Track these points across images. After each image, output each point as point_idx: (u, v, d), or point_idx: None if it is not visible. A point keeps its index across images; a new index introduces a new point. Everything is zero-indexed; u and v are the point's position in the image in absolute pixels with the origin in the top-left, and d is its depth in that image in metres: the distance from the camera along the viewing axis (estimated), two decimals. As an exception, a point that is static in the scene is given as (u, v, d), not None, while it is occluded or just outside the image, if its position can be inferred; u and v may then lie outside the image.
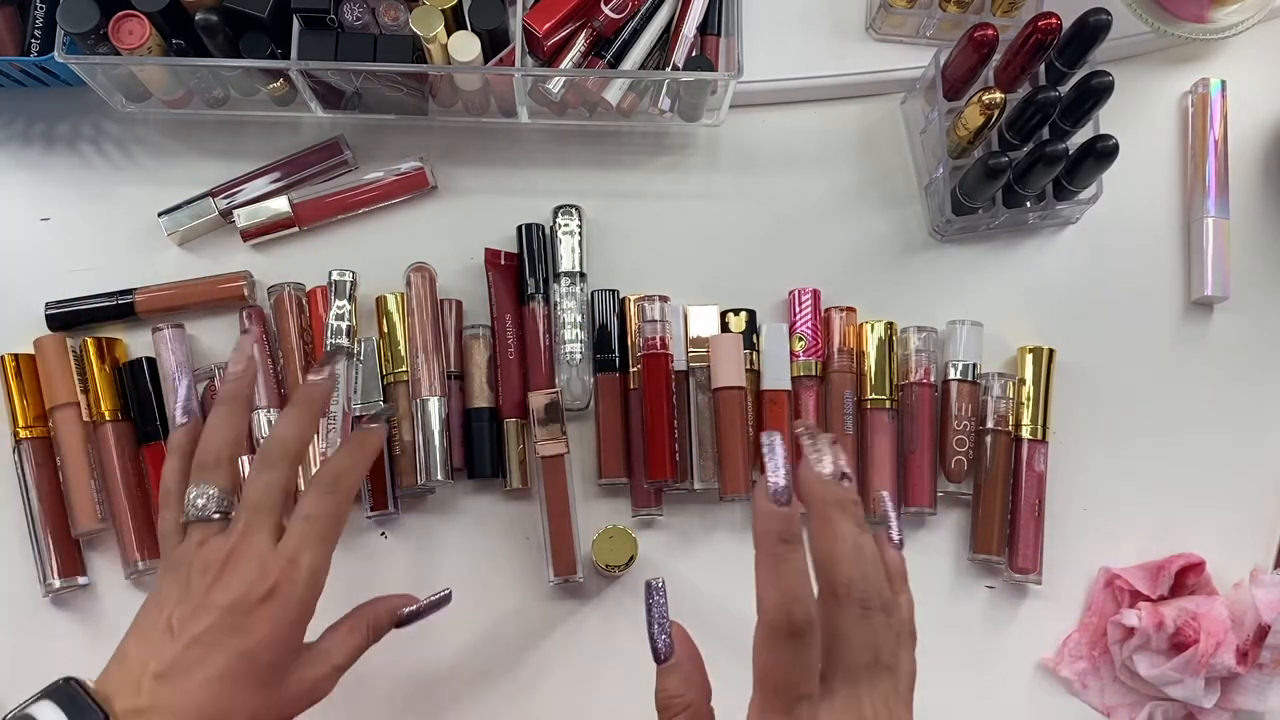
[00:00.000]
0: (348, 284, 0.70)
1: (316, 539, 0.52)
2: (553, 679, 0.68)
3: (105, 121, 0.75)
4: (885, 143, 0.76)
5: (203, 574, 0.51)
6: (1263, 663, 0.67)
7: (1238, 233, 0.75)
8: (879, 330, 0.71)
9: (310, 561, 0.51)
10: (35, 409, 0.69)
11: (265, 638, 0.50)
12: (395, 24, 0.68)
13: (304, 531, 0.52)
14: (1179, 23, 0.73)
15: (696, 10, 0.69)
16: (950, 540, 0.71)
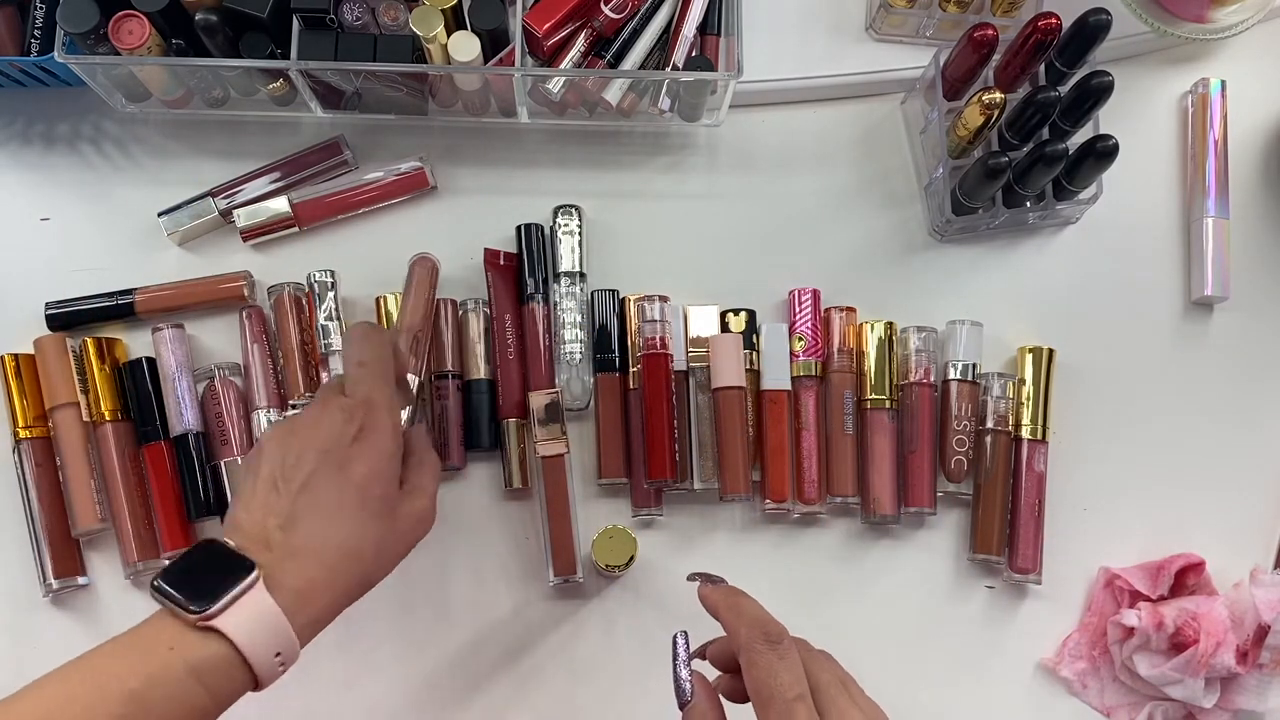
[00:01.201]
0: (328, 284, 0.70)
1: (379, 378, 0.56)
2: (553, 679, 0.68)
3: (105, 121, 0.75)
4: (885, 143, 0.76)
5: (295, 433, 0.54)
6: (1262, 663, 0.67)
7: (1238, 233, 0.75)
8: (879, 330, 0.71)
9: (382, 398, 0.56)
10: (35, 409, 0.69)
11: (368, 472, 0.53)
12: (395, 24, 0.68)
13: (362, 375, 0.56)
14: (1179, 23, 0.73)
15: (696, 10, 0.69)
16: (950, 540, 0.71)
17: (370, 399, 0.55)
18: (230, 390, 0.69)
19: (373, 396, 0.55)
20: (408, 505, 0.56)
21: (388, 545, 0.54)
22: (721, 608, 0.50)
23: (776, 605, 0.69)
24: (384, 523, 0.54)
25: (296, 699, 0.67)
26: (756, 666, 0.46)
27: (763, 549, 0.71)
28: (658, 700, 0.68)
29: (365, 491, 0.53)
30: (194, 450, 0.69)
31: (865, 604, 0.70)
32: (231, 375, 0.70)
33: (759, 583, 0.69)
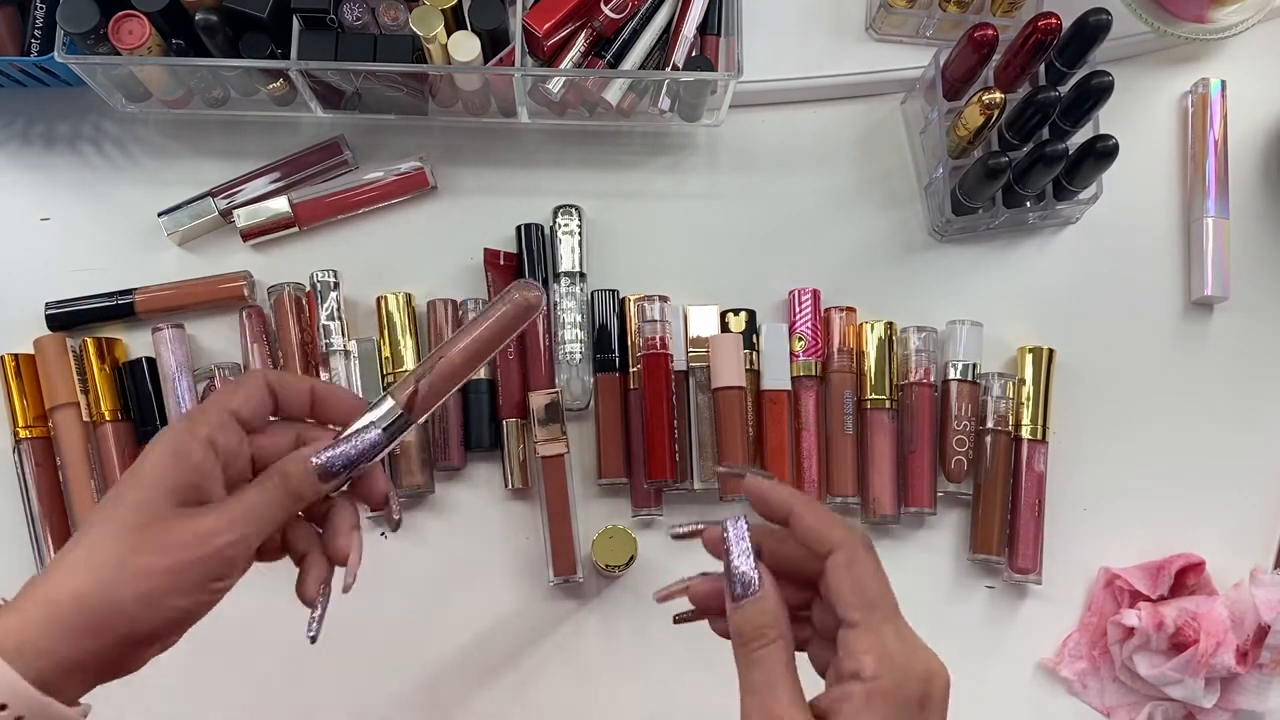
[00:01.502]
0: (331, 284, 0.70)
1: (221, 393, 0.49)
2: (553, 679, 0.68)
3: (105, 121, 0.75)
4: (885, 143, 0.76)
5: None
6: (1262, 663, 0.67)
7: (1238, 233, 0.75)
8: (879, 330, 0.71)
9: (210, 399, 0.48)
10: (35, 409, 0.69)
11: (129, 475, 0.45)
12: (395, 24, 0.68)
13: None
14: (1179, 23, 0.73)
15: (696, 10, 0.69)
16: (950, 540, 0.71)
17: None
18: (230, 390, 0.69)
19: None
20: (185, 523, 0.43)
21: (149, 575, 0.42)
22: (798, 502, 0.45)
23: (776, 605, 0.70)
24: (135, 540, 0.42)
25: (296, 699, 0.67)
26: (863, 566, 0.43)
27: (763, 549, 0.70)
28: (658, 700, 0.68)
29: (118, 499, 0.44)
30: (194, 450, 0.68)
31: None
32: (231, 375, 0.70)
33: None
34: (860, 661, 0.41)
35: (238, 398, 0.47)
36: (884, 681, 0.41)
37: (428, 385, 0.50)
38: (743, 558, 0.44)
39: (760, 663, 0.43)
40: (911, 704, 0.41)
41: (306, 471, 0.47)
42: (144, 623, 0.43)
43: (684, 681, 0.68)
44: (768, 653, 0.43)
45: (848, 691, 0.41)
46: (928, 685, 0.42)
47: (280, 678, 0.67)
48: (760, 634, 0.43)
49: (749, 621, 0.43)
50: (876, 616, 0.42)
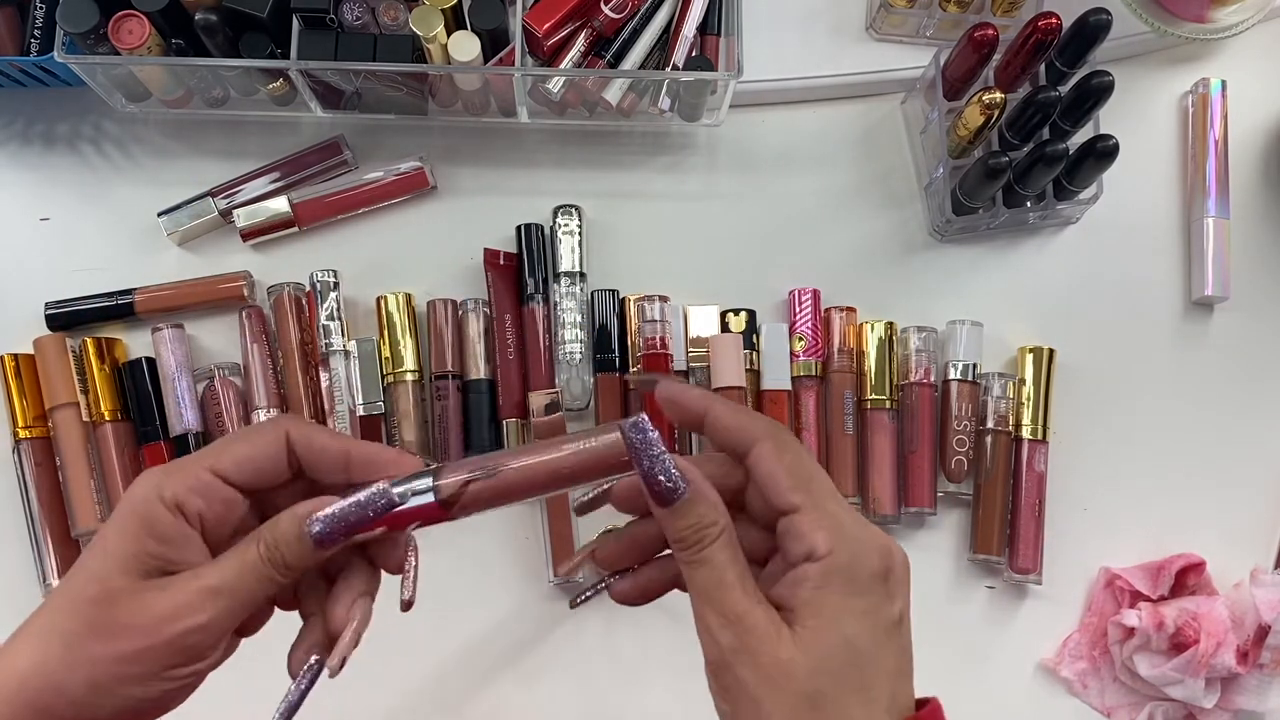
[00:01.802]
0: (331, 284, 0.70)
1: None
2: (553, 679, 0.68)
3: (105, 121, 0.75)
4: (885, 143, 0.76)
5: None
6: (1263, 663, 0.67)
7: (1238, 233, 0.75)
8: (879, 330, 0.71)
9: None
10: (35, 409, 0.69)
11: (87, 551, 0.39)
12: (395, 24, 0.68)
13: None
14: (1179, 22, 0.73)
15: (696, 10, 0.69)
16: (950, 540, 0.71)
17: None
18: (230, 390, 0.69)
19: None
20: (139, 601, 0.37)
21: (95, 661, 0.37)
22: (714, 401, 0.41)
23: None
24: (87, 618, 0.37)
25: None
26: (794, 451, 0.40)
27: (763, 549, 0.70)
28: (658, 700, 0.68)
29: (82, 565, 0.38)
30: (193, 450, 0.68)
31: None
32: (231, 375, 0.70)
33: (759, 583, 0.70)
34: (811, 540, 0.38)
35: (228, 456, 0.40)
36: (840, 556, 0.38)
37: (483, 489, 0.41)
38: (657, 461, 0.38)
39: (706, 562, 0.39)
40: (874, 577, 0.39)
41: (298, 536, 0.39)
42: (95, 711, 0.37)
43: (684, 682, 0.68)
44: (711, 551, 0.39)
45: (803, 573, 0.38)
46: (887, 560, 0.39)
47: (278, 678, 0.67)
48: (700, 535, 0.39)
49: (685, 526, 0.39)
50: (819, 495, 0.39)
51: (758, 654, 0.38)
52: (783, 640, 0.38)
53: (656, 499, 0.39)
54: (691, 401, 0.42)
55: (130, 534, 0.38)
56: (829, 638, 0.38)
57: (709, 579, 0.39)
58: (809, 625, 0.38)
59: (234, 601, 0.39)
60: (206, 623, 0.38)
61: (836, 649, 0.38)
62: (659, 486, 0.39)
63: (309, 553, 0.39)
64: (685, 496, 0.39)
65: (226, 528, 0.40)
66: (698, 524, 0.39)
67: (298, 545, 0.39)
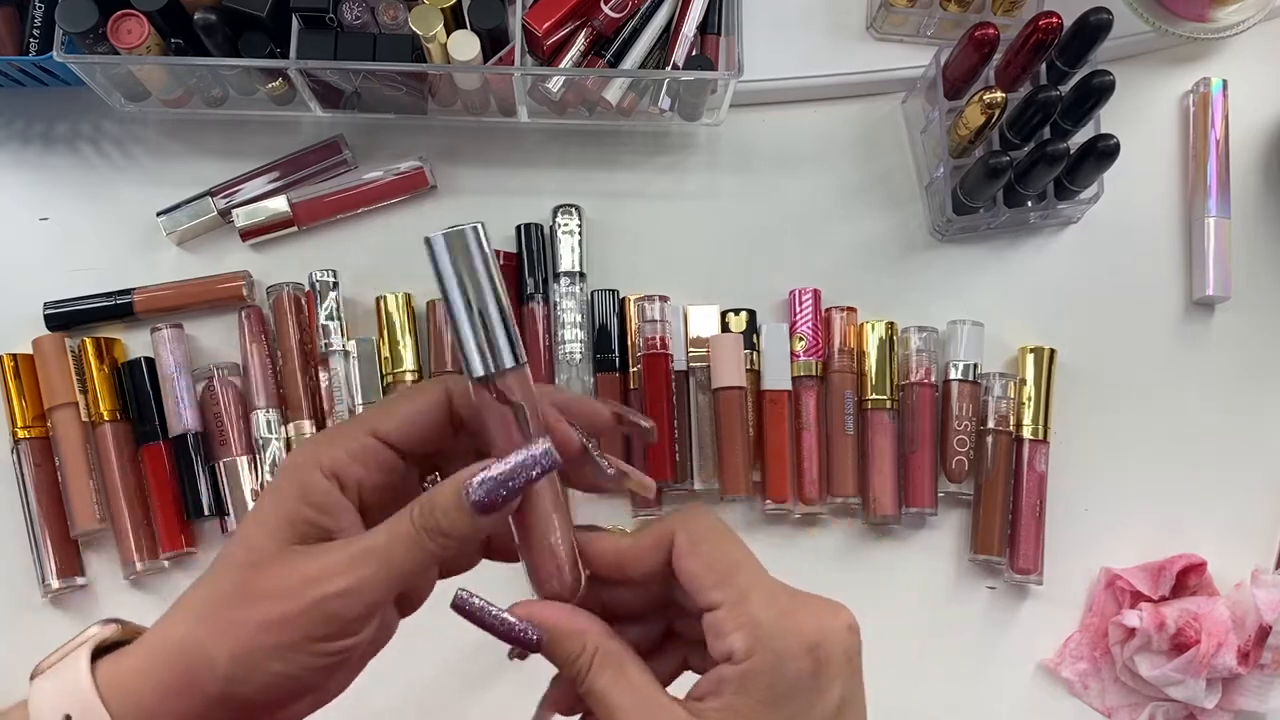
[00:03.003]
0: (330, 284, 0.70)
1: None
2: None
3: (104, 121, 0.75)
4: (886, 142, 0.76)
5: None
6: (1264, 663, 0.66)
7: (1239, 233, 0.75)
8: (879, 330, 0.71)
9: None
10: (34, 409, 0.68)
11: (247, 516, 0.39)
12: (394, 23, 0.68)
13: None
14: (1180, 22, 0.73)
15: (696, 9, 0.69)
16: (951, 541, 0.71)
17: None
18: (229, 390, 0.69)
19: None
20: (288, 566, 0.36)
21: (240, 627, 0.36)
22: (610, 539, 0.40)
23: (777, 606, 0.69)
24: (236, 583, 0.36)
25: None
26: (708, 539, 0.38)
27: (763, 549, 0.69)
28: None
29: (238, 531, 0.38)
30: (193, 450, 0.68)
31: (866, 604, 0.69)
32: (230, 375, 0.70)
33: (759, 583, 0.69)
34: (730, 643, 0.36)
35: (390, 417, 0.38)
36: (760, 660, 0.35)
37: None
38: (498, 623, 0.38)
39: (590, 694, 0.38)
40: (800, 676, 0.35)
41: (457, 503, 0.37)
42: (240, 686, 0.36)
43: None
44: (591, 679, 0.37)
45: (721, 676, 0.36)
46: (816, 652, 0.36)
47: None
48: (575, 669, 0.38)
49: (565, 660, 0.38)
50: (737, 588, 0.36)
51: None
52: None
53: (525, 648, 0.39)
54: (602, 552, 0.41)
55: (285, 500, 0.37)
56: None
57: (615, 697, 0.37)
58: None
59: (382, 569, 0.36)
60: (349, 587, 0.36)
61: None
62: (515, 642, 0.38)
63: (468, 521, 0.37)
64: (545, 644, 0.38)
65: (387, 495, 0.39)
66: (567, 657, 0.38)
67: (456, 513, 0.37)
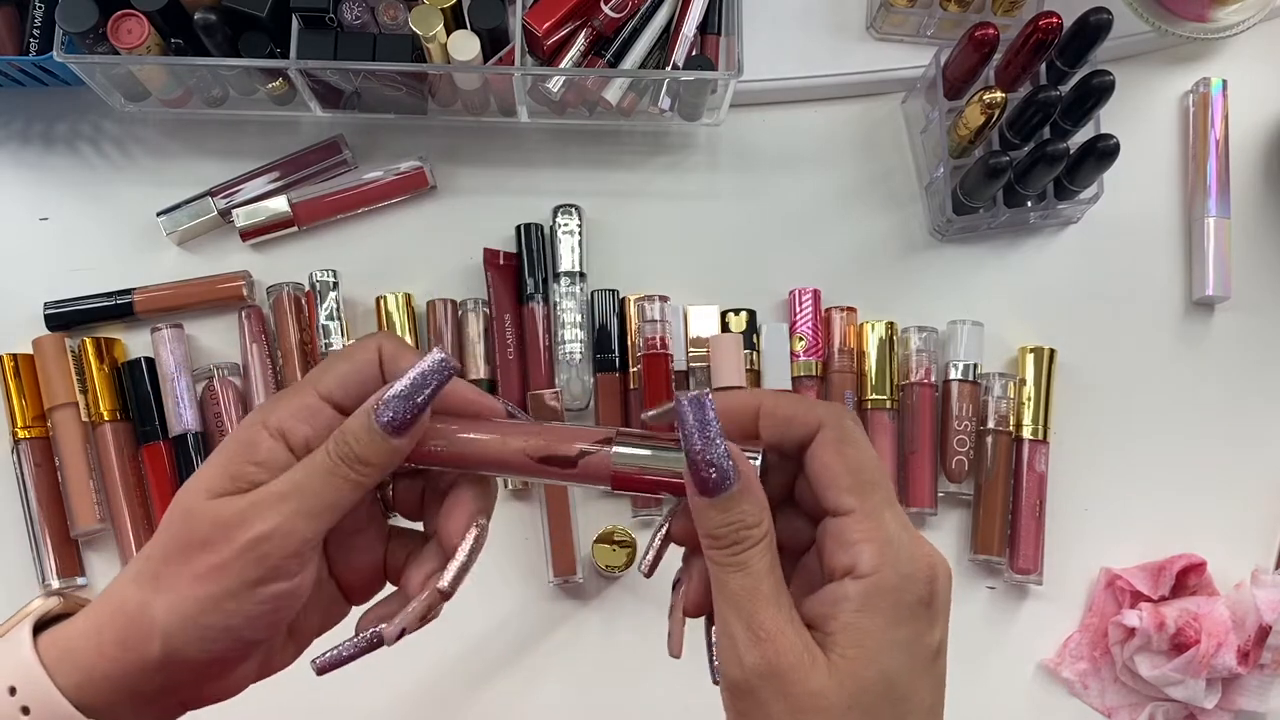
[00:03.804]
0: (330, 283, 0.70)
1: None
2: (553, 679, 0.68)
3: (104, 121, 0.75)
4: (886, 142, 0.76)
5: None
6: (1264, 663, 0.66)
7: (1239, 232, 0.75)
8: (879, 330, 0.71)
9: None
10: (34, 409, 0.68)
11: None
12: (394, 23, 0.68)
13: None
14: (1180, 22, 0.73)
15: (696, 9, 0.69)
16: (951, 541, 0.71)
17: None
18: (229, 390, 0.69)
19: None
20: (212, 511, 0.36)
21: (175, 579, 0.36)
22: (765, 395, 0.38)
23: (777, 606, 0.69)
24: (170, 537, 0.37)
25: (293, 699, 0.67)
26: (857, 444, 0.37)
27: (763, 549, 0.70)
28: (658, 701, 0.68)
29: (170, 506, 0.38)
30: (193, 450, 0.68)
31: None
32: (230, 375, 0.70)
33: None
34: (856, 554, 0.35)
35: (330, 376, 0.39)
36: (886, 577, 0.35)
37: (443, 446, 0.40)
38: (710, 441, 0.35)
39: (742, 567, 0.35)
40: (917, 604, 0.35)
41: (367, 427, 0.37)
42: (179, 642, 0.36)
43: (684, 682, 0.68)
44: (750, 555, 0.35)
45: (842, 592, 0.35)
46: (933, 584, 0.35)
47: (276, 677, 0.67)
48: (741, 535, 0.36)
49: (725, 522, 0.36)
50: (874, 500, 0.36)
51: (788, 682, 0.34)
52: (816, 669, 0.34)
53: (701, 486, 0.35)
54: (741, 404, 0.38)
55: (229, 459, 0.37)
56: (867, 671, 0.34)
57: (743, 587, 0.35)
58: (847, 655, 0.35)
59: (304, 503, 0.36)
60: (275, 526, 0.36)
61: (874, 684, 0.35)
62: (707, 472, 0.35)
63: (381, 443, 0.37)
64: (733, 489, 0.35)
65: None
66: (740, 522, 0.36)
67: (367, 436, 0.37)
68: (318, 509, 0.37)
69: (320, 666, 0.40)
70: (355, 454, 0.37)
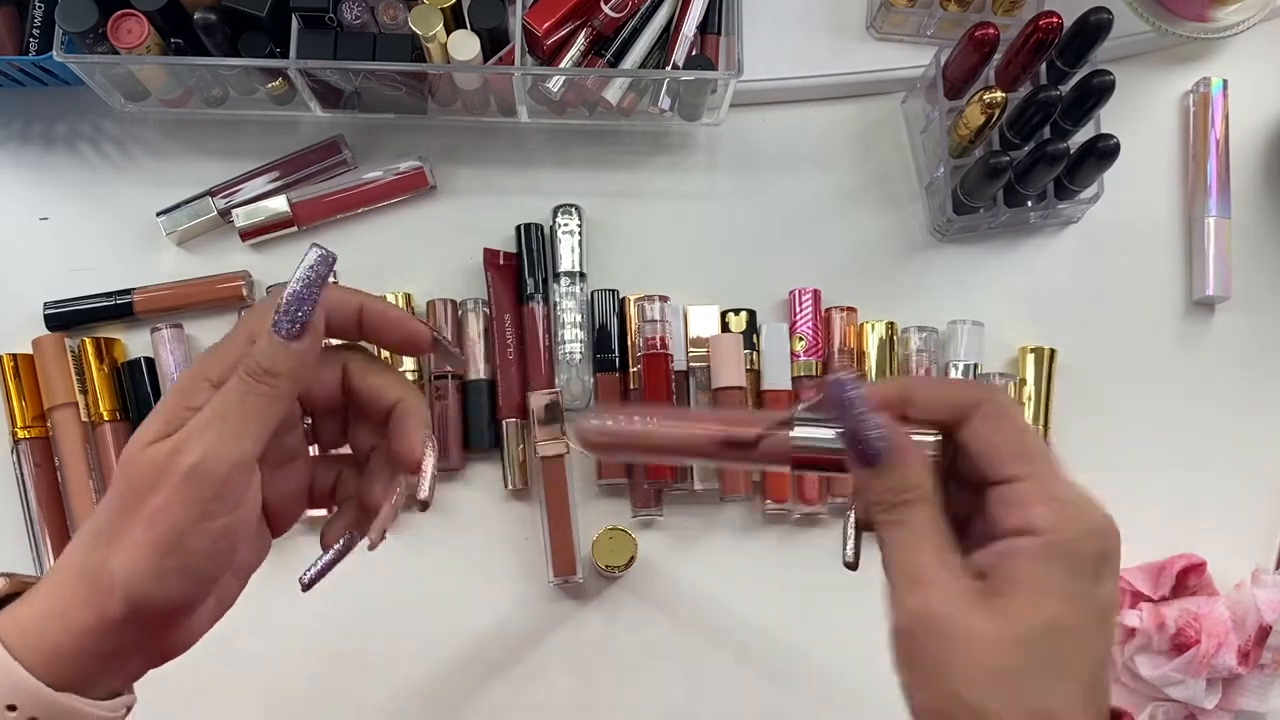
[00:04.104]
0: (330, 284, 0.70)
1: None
2: (553, 679, 0.68)
3: (104, 121, 0.74)
4: (886, 142, 0.76)
5: None
6: (1264, 663, 0.66)
7: (1239, 232, 0.75)
8: (879, 330, 0.71)
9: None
10: (34, 409, 0.68)
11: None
12: (394, 23, 0.68)
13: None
14: (1180, 22, 0.73)
15: (696, 9, 0.69)
16: (951, 541, 0.71)
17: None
18: (229, 390, 0.69)
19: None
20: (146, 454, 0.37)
21: (125, 531, 0.37)
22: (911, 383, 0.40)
23: (777, 606, 0.69)
24: (116, 493, 0.38)
25: (293, 699, 0.67)
26: (1017, 417, 0.38)
27: (763, 550, 0.70)
28: (658, 701, 0.68)
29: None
30: (193, 450, 0.68)
31: (866, 605, 0.70)
32: (231, 375, 0.70)
33: (759, 583, 0.69)
34: (1030, 513, 0.36)
35: (256, 314, 0.40)
36: (1063, 533, 0.36)
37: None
38: (858, 418, 0.37)
39: (903, 522, 0.37)
40: (1092, 560, 0.36)
41: (269, 337, 0.38)
42: (140, 594, 0.37)
43: (684, 682, 0.68)
44: (910, 512, 0.37)
45: (1015, 546, 0.36)
46: (1105, 542, 0.37)
47: (277, 677, 0.67)
48: (900, 499, 0.37)
49: (885, 487, 0.37)
50: (1045, 466, 0.37)
51: (949, 621, 0.35)
52: (978, 610, 0.35)
53: (861, 459, 0.37)
54: (887, 394, 0.39)
55: (168, 407, 0.39)
56: (1035, 615, 0.35)
57: (903, 540, 0.37)
58: (1014, 600, 0.35)
59: (226, 426, 0.38)
60: (204, 454, 0.37)
61: (1040, 627, 0.35)
62: (864, 447, 0.37)
63: (284, 351, 0.39)
64: (889, 458, 0.37)
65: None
66: (899, 486, 0.37)
67: (271, 347, 0.38)
68: (240, 429, 0.38)
69: (309, 581, 0.42)
70: (262, 367, 0.38)
